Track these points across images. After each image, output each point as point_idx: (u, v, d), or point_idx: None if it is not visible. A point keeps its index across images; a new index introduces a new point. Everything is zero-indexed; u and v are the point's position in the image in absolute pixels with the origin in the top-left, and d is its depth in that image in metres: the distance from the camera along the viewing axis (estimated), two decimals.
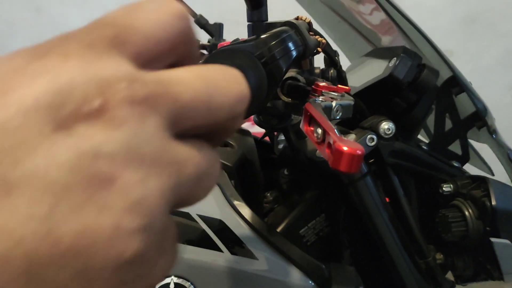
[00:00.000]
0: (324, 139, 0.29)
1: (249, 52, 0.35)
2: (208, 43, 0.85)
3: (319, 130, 0.30)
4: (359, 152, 0.26)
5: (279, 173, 0.71)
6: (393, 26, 0.62)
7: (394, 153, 0.59)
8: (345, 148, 0.26)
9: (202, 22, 0.87)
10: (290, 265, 0.53)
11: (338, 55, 0.53)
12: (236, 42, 0.37)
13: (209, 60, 0.36)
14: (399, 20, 0.61)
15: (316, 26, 0.76)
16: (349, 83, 0.61)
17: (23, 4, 1.89)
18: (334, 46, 0.73)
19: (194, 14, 0.87)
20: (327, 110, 0.36)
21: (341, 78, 0.53)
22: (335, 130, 0.28)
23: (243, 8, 0.47)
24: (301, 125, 0.34)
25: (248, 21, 0.44)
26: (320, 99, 0.37)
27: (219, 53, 0.35)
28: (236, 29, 1.04)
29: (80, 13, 1.90)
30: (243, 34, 0.89)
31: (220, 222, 0.54)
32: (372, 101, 0.58)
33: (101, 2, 1.87)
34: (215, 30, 0.87)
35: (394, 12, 0.59)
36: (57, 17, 1.93)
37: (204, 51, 0.88)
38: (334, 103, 0.36)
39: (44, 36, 0.14)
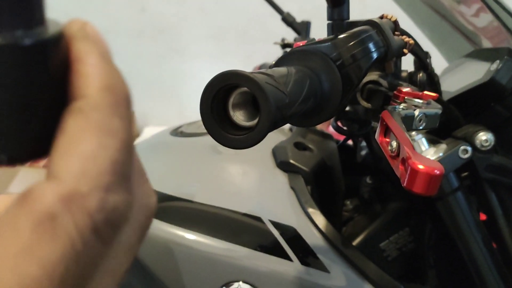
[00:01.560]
0: (398, 153, 0.26)
1: (323, 54, 0.32)
2: (294, 41, 0.83)
3: (394, 143, 0.27)
4: (437, 172, 0.22)
5: (361, 181, 0.67)
6: (500, 28, 0.55)
7: (492, 168, 0.52)
8: (420, 167, 0.22)
9: (289, 20, 0.85)
10: (365, 281, 0.50)
11: (430, 56, 0.48)
12: (312, 42, 0.35)
13: (281, 61, 0.34)
14: (507, 21, 0.54)
15: (412, 26, 0.70)
16: (444, 87, 0.55)
17: (130, 4, 2.03)
18: (430, 47, 0.67)
19: (281, 11, 0.86)
20: (408, 119, 0.32)
21: (432, 82, 0.48)
22: (412, 145, 0.25)
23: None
24: (376, 135, 0.30)
25: (328, 19, 0.41)
26: (401, 106, 0.33)
27: (292, 54, 0.33)
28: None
29: (179, 11, 1.99)
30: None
31: (293, 229, 0.52)
32: (468, 109, 0.52)
33: (197, 1, 1.95)
34: (302, 28, 0.85)
35: (502, 13, 0.53)
36: (158, 15, 2.04)
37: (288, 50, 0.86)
38: (417, 112, 0.33)
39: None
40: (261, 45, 2.00)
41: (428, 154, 0.42)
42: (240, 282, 0.50)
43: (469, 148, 0.47)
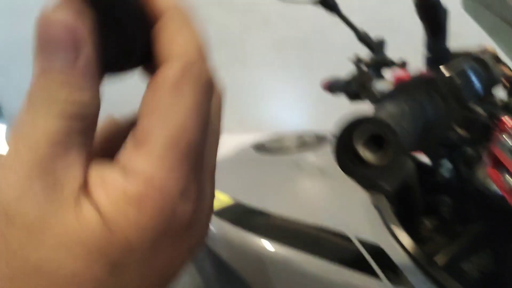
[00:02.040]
0: None
1: (427, 86, 0.34)
2: (369, 59, 0.85)
3: (510, 179, 0.28)
4: None
5: (440, 200, 0.67)
6: None
7: None
8: None
9: (364, 38, 0.87)
10: None
11: None
12: (416, 77, 0.37)
13: (390, 95, 0.36)
14: None
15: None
16: None
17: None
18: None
19: (356, 30, 0.87)
20: None
21: None
22: None
23: (401, 17, 0.46)
24: (487, 169, 0.32)
25: (427, 50, 0.43)
26: (507, 139, 0.35)
27: (400, 88, 0.36)
28: (394, 38, 1.02)
29: (242, 22, 2.05)
30: (401, 44, 0.86)
31: (379, 248, 0.53)
32: None
33: (259, 13, 2.00)
34: (377, 46, 0.86)
35: None
36: (220, 26, 2.11)
37: (365, 67, 0.88)
38: None
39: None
40: (322, 55, 2.02)
41: None
42: None
43: None
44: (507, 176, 0.28)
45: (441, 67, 0.35)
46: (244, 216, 0.63)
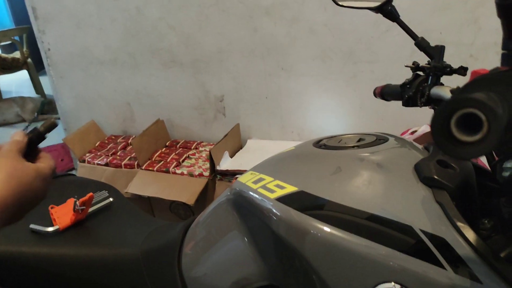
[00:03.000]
0: None
1: (508, 78, 0.37)
2: (428, 65, 0.87)
3: None
4: None
5: (499, 201, 0.69)
6: None
7: None
8: None
9: (423, 45, 0.89)
10: None
11: None
12: (495, 70, 0.40)
13: (469, 86, 0.39)
14: None
15: None
16: None
17: (244, 25, 2.18)
18: None
19: (415, 37, 0.90)
20: None
21: None
22: None
23: (449, 29, 0.48)
24: None
25: (502, 49, 0.46)
26: None
27: (479, 81, 0.39)
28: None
29: (289, 32, 2.10)
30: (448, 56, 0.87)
31: (443, 240, 0.56)
32: None
33: (306, 23, 2.05)
34: (436, 52, 0.88)
35: None
36: (268, 36, 2.16)
37: (421, 73, 0.90)
38: None
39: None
40: (366, 65, 2.05)
41: None
42: (393, 283, 0.55)
43: None
44: None
45: None
46: (307, 202, 0.65)
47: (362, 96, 2.11)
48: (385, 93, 1.00)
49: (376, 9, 0.92)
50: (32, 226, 0.96)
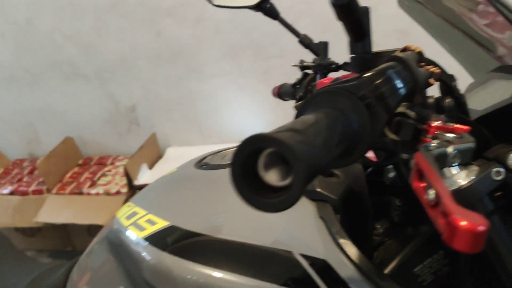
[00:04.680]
0: (437, 203, 0.25)
1: (351, 94, 0.32)
2: (313, 63, 0.83)
3: (432, 192, 0.26)
4: (481, 228, 0.21)
5: (389, 203, 0.66)
6: None
7: None
8: (462, 223, 0.21)
9: (306, 42, 0.85)
10: None
11: (455, 79, 0.47)
12: (337, 81, 0.34)
13: (308, 103, 0.33)
14: None
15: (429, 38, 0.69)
16: (471, 105, 0.54)
17: (146, 29, 2.06)
18: (452, 67, 0.65)
19: (297, 34, 0.86)
20: (442, 158, 0.31)
21: (459, 106, 0.47)
22: (451, 195, 0.24)
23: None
24: (410, 179, 0.30)
25: (351, 53, 0.41)
26: (433, 144, 0.33)
27: (319, 95, 0.33)
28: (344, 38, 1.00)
29: (194, 33, 2.01)
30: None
31: (324, 262, 0.51)
32: (498, 128, 0.51)
33: (211, 22, 1.97)
34: (320, 49, 0.84)
35: None
36: (173, 39, 2.07)
37: (309, 71, 0.86)
38: (450, 149, 0.32)
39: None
40: (276, 60, 2.01)
41: (459, 178, 0.41)
42: None
43: (502, 170, 0.45)
44: (431, 191, 0.26)
45: (364, 75, 0.33)
46: (178, 240, 0.58)
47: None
48: (281, 93, 0.96)
49: (255, 8, 0.87)
50: None
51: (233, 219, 0.58)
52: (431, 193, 0.25)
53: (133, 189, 2.04)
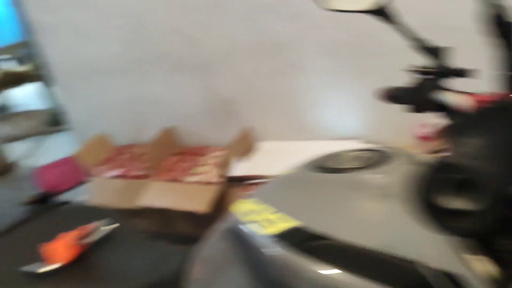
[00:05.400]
0: None
1: None
2: (434, 69, 0.78)
3: None
4: None
5: None
6: None
7: None
8: None
9: (425, 46, 0.80)
10: None
11: None
12: (501, 100, 0.32)
13: (472, 124, 0.31)
14: None
15: None
16: None
17: (247, 24, 2.10)
18: None
19: (417, 39, 0.81)
20: None
21: None
22: None
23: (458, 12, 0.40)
24: None
25: (502, 67, 0.37)
26: None
27: (484, 115, 0.30)
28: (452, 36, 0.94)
29: (294, 28, 2.01)
30: (458, 42, 0.77)
31: (449, 275, 0.49)
32: None
33: (312, 18, 1.95)
34: (440, 53, 0.79)
35: None
36: (274, 34, 2.08)
37: (427, 76, 0.81)
38: None
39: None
40: (376, 59, 1.94)
41: None
42: None
43: None
44: None
45: None
46: (305, 241, 0.60)
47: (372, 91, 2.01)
48: (394, 96, 0.90)
49: (374, 13, 0.82)
50: (24, 268, 0.90)
51: (354, 223, 0.59)
52: None
53: (227, 180, 2.10)
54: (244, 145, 2.24)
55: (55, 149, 3.39)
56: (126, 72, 2.50)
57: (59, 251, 0.92)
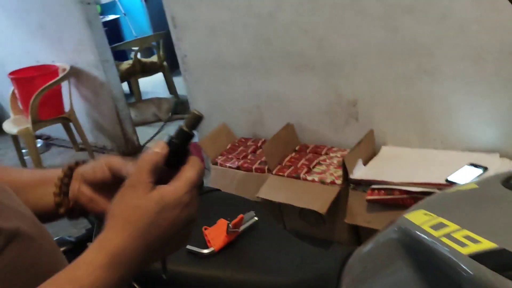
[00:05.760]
0: None
1: None
2: None
3: None
4: None
5: None
6: None
7: None
8: None
9: None
10: None
11: None
12: None
13: None
14: None
15: None
16: None
17: (383, 25, 2.05)
18: None
19: None
20: None
21: None
22: None
23: None
24: None
25: None
26: None
27: None
28: None
29: (434, 31, 1.91)
30: None
31: None
32: None
33: (456, 21, 1.84)
34: None
35: None
36: (410, 37, 2.00)
37: None
38: None
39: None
40: None
41: None
42: None
43: None
44: None
45: None
46: (508, 263, 0.56)
47: None
48: None
49: None
50: (188, 247, 0.98)
51: None
52: None
53: (348, 182, 2.08)
54: (367, 148, 2.20)
55: None
56: (250, 68, 2.58)
57: (219, 235, 0.98)
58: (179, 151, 0.53)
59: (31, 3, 3.51)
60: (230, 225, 0.99)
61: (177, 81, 4.35)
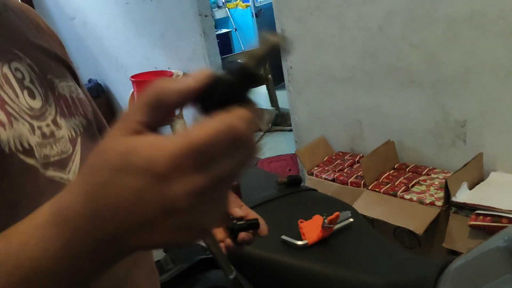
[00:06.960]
0: None
1: None
2: None
3: None
4: None
5: None
6: None
7: None
8: None
9: None
10: None
11: None
12: None
13: None
14: None
15: None
16: None
17: (504, 43, 1.93)
18: None
19: None
20: None
21: None
22: None
23: None
24: None
25: None
26: None
27: None
28: None
29: None
30: None
31: None
32: None
33: None
34: None
35: None
36: None
37: None
38: None
39: None
40: None
41: None
42: None
43: None
44: None
45: None
46: None
47: None
48: None
49: None
50: (283, 237, 1.02)
51: None
52: None
53: (449, 204, 1.97)
54: (474, 172, 2.07)
55: (275, 146, 3.74)
56: (354, 82, 2.58)
57: (314, 229, 1.01)
58: (225, 93, 0.34)
59: (156, 15, 3.88)
60: (326, 220, 1.01)
61: (279, 94, 4.47)
